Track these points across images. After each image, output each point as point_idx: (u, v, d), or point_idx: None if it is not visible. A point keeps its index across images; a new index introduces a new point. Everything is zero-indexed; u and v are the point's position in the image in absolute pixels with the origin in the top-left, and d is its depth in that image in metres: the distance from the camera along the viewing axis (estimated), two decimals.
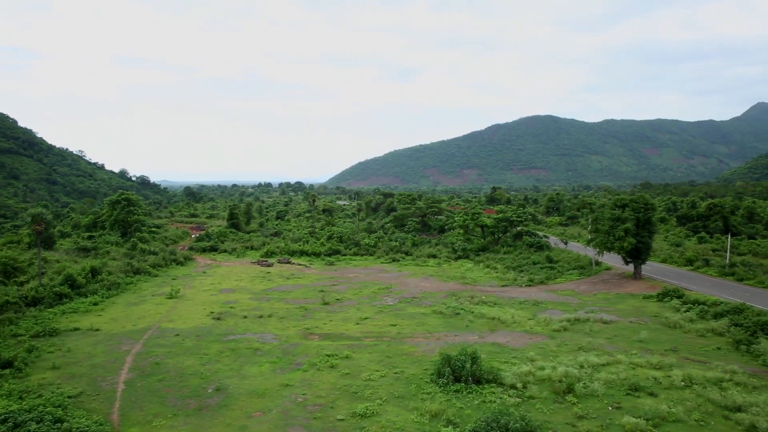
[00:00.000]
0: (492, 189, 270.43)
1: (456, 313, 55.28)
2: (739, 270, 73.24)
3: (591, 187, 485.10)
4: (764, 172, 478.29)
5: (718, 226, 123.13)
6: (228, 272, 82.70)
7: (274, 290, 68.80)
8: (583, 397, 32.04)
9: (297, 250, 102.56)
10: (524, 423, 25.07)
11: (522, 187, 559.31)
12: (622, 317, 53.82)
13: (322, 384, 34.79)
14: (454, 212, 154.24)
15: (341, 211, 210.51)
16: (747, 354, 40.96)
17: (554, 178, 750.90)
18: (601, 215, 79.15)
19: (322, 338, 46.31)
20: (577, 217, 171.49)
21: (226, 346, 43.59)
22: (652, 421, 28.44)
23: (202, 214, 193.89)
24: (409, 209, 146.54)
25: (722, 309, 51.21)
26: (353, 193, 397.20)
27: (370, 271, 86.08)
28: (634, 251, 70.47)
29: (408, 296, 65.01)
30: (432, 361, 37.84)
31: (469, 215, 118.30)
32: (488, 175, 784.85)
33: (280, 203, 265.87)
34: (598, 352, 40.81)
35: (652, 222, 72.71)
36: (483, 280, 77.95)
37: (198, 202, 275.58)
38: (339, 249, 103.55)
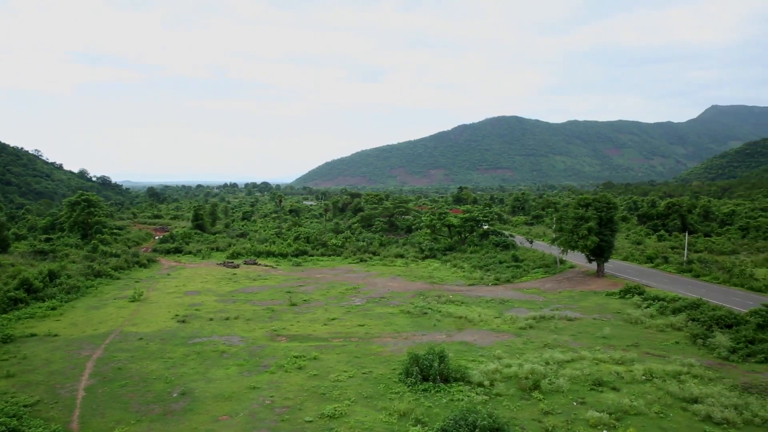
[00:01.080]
0: (459, 189, 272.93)
1: (423, 312, 55.53)
2: (696, 266, 75.67)
3: (555, 187, 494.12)
4: (718, 172, 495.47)
5: (676, 224, 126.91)
6: (193, 274, 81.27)
7: (241, 292, 67.92)
8: (548, 393, 32.57)
9: (263, 251, 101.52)
10: (491, 420, 25.31)
11: (488, 186, 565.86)
12: (585, 314, 54.93)
13: (290, 386, 34.48)
14: (421, 212, 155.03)
15: (308, 211, 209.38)
16: (703, 347, 42.32)
17: (520, 178, 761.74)
18: (565, 214, 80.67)
19: (290, 339, 45.92)
20: (542, 216, 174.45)
21: (192, 349, 42.81)
22: (615, 415, 29.11)
23: (166, 215, 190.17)
24: (377, 209, 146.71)
25: (680, 305, 52.81)
26: (320, 193, 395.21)
27: (338, 271, 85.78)
28: (597, 249, 72.00)
29: (376, 296, 65.02)
30: (400, 360, 37.91)
31: (436, 215, 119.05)
32: (455, 175, 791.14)
33: (246, 204, 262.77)
34: (563, 349, 41.56)
35: (614, 221, 74.44)
36: (450, 280, 78.53)
37: (162, 202, 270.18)
38: (306, 250, 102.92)
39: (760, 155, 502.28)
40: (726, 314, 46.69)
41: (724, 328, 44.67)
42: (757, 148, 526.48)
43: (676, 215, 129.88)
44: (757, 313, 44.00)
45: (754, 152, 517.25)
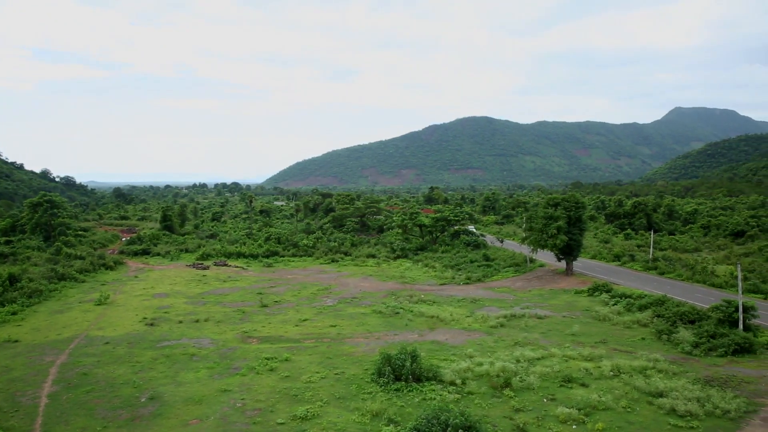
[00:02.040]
0: (430, 189, 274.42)
1: (395, 312, 55.62)
2: (661, 264, 77.61)
3: (525, 187, 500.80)
4: (682, 172, 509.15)
5: (642, 223, 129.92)
6: (162, 276, 79.84)
7: (211, 294, 66.99)
8: (519, 390, 32.94)
9: (234, 252, 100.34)
10: (464, 418, 25.48)
11: (459, 186, 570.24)
12: (555, 312, 55.76)
13: (262, 388, 34.14)
14: (392, 212, 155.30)
15: (279, 211, 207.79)
16: (668, 343, 43.39)
17: (490, 177, 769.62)
18: (534, 214, 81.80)
19: (261, 341, 45.47)
20: (512, 215, 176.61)
21: (161, 352, 42.03)
22: (584, 411, 29.61)
23: (133, 216, 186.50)
24: (348, 209, 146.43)
25: (646, 301, 54.06)
26: (291, 193, 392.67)
27: (309, 272, 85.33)
28: (566, 248, 73.17)
29: (347, 296, 64.88)
30: (372, 360, 37.88)
31: (407, 215, 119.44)
32: (426, 175, 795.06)
33: (216, 204, 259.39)
34: (533, 347, 42.10)
35: (583, 220, 75.77)
36: (422, 279, 78.85)
37: (129, 203, 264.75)
38: (277, 250, 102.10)
39: (720, 156, 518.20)
40: (689, 310, 47.97)
41: (687, 324, 45.86)
42: (718, 149, 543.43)
43: (641, 214, 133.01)
44: (718, 309, 45.28)
45: (715, 153, 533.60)
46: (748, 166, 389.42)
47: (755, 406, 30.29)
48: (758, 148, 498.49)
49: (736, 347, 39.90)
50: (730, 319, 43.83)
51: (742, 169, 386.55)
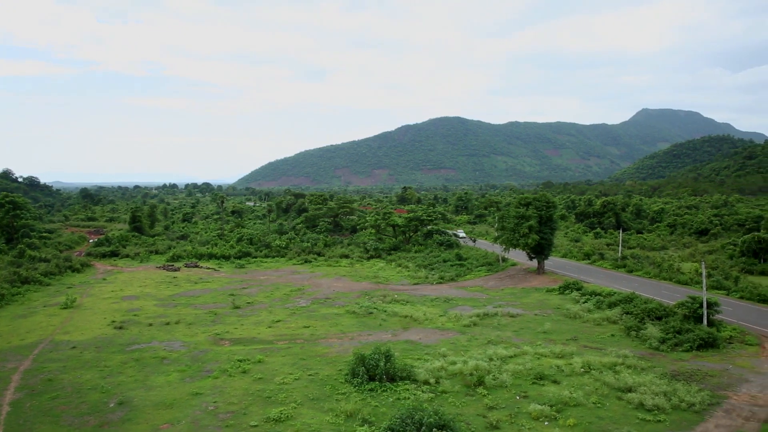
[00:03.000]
0: (403, 189, 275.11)
1: (369, 312, 55.60)
2: (630, 262, 79.24)
3: (497, 187, 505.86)
4: (649, 172, 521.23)
5: (611, 222, 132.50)
6: (131, 278, 78.32)
7: (182, 295, 65.97)
8: (492, 388, 33.24)
9: (205, 253, 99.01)
10: (438, 417, 25.59)
11: (432, 186, 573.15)
12: (527, 310, 56.43)
13: (234, 390, 33.75)
14: (365, 212, 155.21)
15: (251, 212, 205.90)
16: (636, 339, 44.32)
17: (462, 177, 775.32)
18: (506, 213, 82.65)
19: (233, 343, 44.95)
20: (484, 215, 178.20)
21: (130, 356, 41.21)
22: (556, 407, 30.04)
23: (101, 218, 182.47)
24: (321, 209, 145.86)
25: (615, 299, 55.11)
26: (263, 193, 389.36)
27: (282, 272, 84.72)
28: (538, 247, 74.12)
29: (321, 297, 64.62)
30: (346, 361, 37.79)
31: (380, 215, 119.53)
32: (399, 175, 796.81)
33: (187, 205, 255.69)
34: (506, 345, 42.52)
35: (554, 219, 76.84)
36: (395, 279, 78.98)
37: (96, 204, 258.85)
38: (249, 251, 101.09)
39: (685, 156, 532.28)
40: (656, 307, 49.07)
41: (655, 320, 46.90)
42: (683, 150, 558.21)
43: (611, 213, 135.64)
44: (684, 305, 46.45)
45: (680, 153, 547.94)
46: (711, 167, 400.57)
47: (718, 399, 31.17)
48: (720, 148, 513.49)
49: (701, 342, 41.02)
50: (695, 314, 45.00)
51: (705, 169, 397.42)
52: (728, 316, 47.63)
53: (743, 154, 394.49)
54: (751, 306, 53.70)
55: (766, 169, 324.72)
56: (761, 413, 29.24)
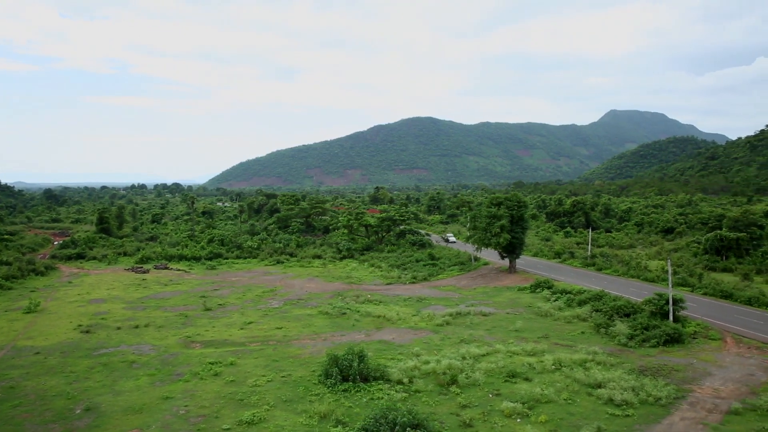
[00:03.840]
0: (375, 189, 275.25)
1: (342, 312, 55.45)
2: (599, 260, 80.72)
3: (469, 186, 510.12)
4: (617, 172, 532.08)
5: (581, 221, 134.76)
6: (98, 281, 76.57)
7: (151, 298, 64.77)
8: (465, 387, 33.46)
9: (175, 254, 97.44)
10: (411, 416, 25.65)
11: (404, 186, 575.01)
12: (499, 309, 56.99)
13: (206, 393, 33.27)
14: (338, 212, 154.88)
15: (222, 213, 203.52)
16: (606, 336, 45.16)
17: (435, 177, 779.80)
18: (478, 213, 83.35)
19: (205, 346, 44.33)
20: (456, 215, 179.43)
21: (97, 361, 40.26)
22: (528, 404, 30.41)
23: (67, 219, 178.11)
24: (293, 210, 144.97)
25: (585, 297, 56.07)
26: (235, 194, 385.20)
27: (254, 273, 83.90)
28: (509, 246, 74.93)
29: (293, 298, 64.20)
30: (319, 362, 37.60)
31: (353, 215, 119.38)
32: (371, 175, 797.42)
33: (156, 206, 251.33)
34: (478, 344, 42.86)
35: (525, 219, 77.80)
36: (368, 279, 78.95)
37: (61, 205, 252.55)
38: (221, 252, 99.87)
39: (651, 156, 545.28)
40: (625, 304, 50.08)
41: (623, 317, 47.87)
42: (650, 150, 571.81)
43: (580, 213, 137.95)
44: (651, 302, 47.59)
45: (647, 154, 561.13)
46: (676, 167, 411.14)
47: (683, 392, 32.01)
48: (685, 149, 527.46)
49: (667, 338, 42.07)
50: (661, 311, 46.13)
51: (671, 169, 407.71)
52: (693, 312, 48.87)
53: (706, 155, 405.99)
54: (714, 302, 55.26)
55: (727, 170, 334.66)
56: (723, 405, 30.14)
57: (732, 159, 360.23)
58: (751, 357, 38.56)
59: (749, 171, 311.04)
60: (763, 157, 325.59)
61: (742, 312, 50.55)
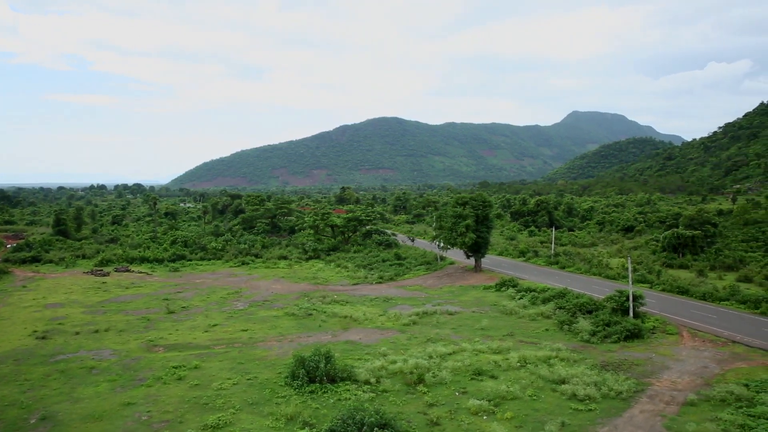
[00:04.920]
0: (341, 189, 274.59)
1: (308, 313, 55.13)
2: (562, 259, 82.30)
3: (435, 186, 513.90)
4: (579, 172, 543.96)
5: (544, 220, 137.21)
6: (55, 285, 74.15)
7: (112, 302, 63.09)
8: (432, 385, 33.65)
9: (137, 257, 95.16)
10: (379, 416, 25.66)
11: (370, 186, 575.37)
12: (465, 308, 57.52)
13: (169, 398, 32.58)
14: (304, 213, 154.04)
15: (186, 214, 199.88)
16: (569, 332, 46.07)
17: (401, 177, 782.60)
18: (444, 213, 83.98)
19: (168, 349, 43.42)
20: (422, 215, 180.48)
21: (54, 367, 38.97)
22: (494, 401, 30.78)
23: (21, 221, 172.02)
24: (258, 210, 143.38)
25: (549, 294, 57.10)
26: (198, 194, 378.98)
27: (219, 275, 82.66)
28: (475, 246, 75.71)
29: (259, 299, 63.49)
30: (286, 363, 37.27)
31: (319, 215, 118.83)
32: (337, 176, 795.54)
33: (117, 207, 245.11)
34: (445, 342, 43.16)
35: (490, 218, 78.74)
36: (334, 280, 78.67)
37: (15, 207, 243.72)
38: (184, 254, 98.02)
39: (612, 157, 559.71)
40: (587, 301, 51.22)
41: (586, 314, 48.92)
42: (610, 151, 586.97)
43: (544, 212, 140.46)
44: (612, 299, 48.77)
45: (608, 154, 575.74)
46: (635, 167, 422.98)
47: (643, 386, 32.95)
48: (644, 149, 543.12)
49: (628, 333, 43.22)
50: (622, 307, 47.32)
51: (630, 170, 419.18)
52: (651, 308, 50.29)
53: (663, 155, 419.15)
54: (672, 297, 57.00)
55: (683, 170, 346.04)
56: (680, 397, 31.16)
57: (687, 159, 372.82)
58: (706, 350, 39.93)
59: (703, 171, 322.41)
60: (716, 157, 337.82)
61: (697, 307, 52.30)
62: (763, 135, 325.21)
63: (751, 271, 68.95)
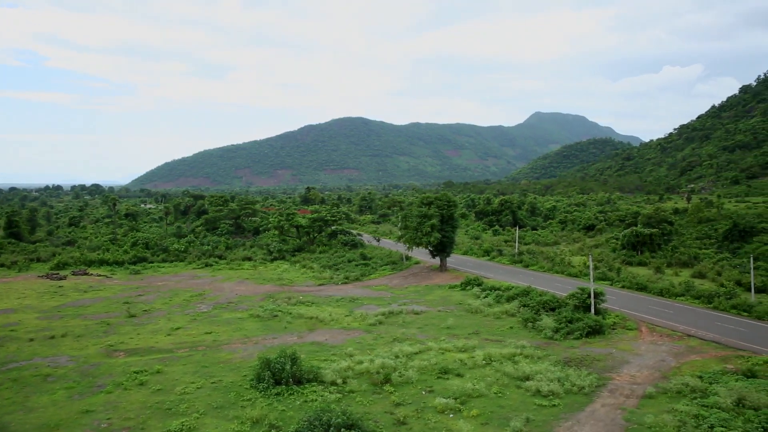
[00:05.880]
0: (306, 189, 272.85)
1: (274, 315, 54.59)
2: (526, 257, 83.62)
3: (400, 186, 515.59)
4: (542, 171, 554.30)
5: (508, 219, 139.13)
6: (6, 289, 71.39)
7: (69, 306, 61.14)
8: (399, 385, 33.73)
9: (96, 259, 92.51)
10: (345, 417, 25.58)
11: (335, 186, 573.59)
12: (431, 307, 57.87)
13: (130, 404, 31.76)
14: (268, 213, 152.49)
15: (147, 215, 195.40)
16: (533, 330, 46.87)
17: (366, 177, 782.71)
18: (409, 213, 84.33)
19: (129, 354, 42.34)
20: (388, 215, 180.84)
21: (6, 376, 37.49)
22: (460, 399, 31.04)
23: None
24: (222, 211, 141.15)
25: (513, 293, 57.96)
26: (160, 195, 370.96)
27: (181, 277, 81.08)
28: (440, 245, 76.26)
29: (223, 301, 62.55)
30: (251, 366, 36.81)
31: (283, 216, 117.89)
32: (302, 176, 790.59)
33: (74, 208, 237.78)
34: (411, 342, 43.33)
35: (455, 218, 79.43)
36: (300, 280, 78.13)
37: None
38: (145, 256, 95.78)
39: (573, 157, 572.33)
40: (550, 299, 52.19)
41: (549, 311, 49.85)
42: (572, 151, 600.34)
43: (508, 211, 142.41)
44: (574, 296, 49.82)
45: (569, 154, 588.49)
46: (596, 167, 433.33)
47: (604, 380, 33.77)
48: (604, 150, 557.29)
49: (589, 329, 44.23)
50: (584, 304, 48.38)
51: (591, 169, 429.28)
52: (612, 305, 51.56)
53: (622, 156, 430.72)
54: (631, 294, 58.58)
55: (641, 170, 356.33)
56: (639, 390, 32.08)
57: (645, 160, 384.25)
58: (663, 344, 41.18)
59: (660, 171, 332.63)
60: (672, 158, 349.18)
61: (655, 303, 53.90)
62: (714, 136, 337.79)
63: (705, 268, 71.45)
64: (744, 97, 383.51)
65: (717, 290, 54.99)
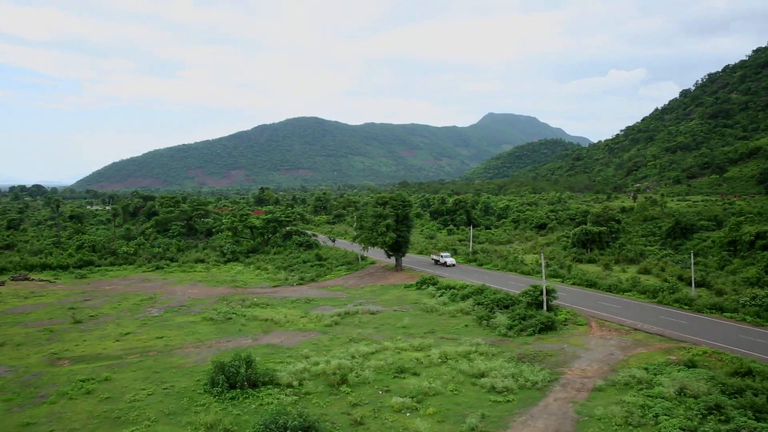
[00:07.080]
0: (260, 190, 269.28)
1: (228, 318, 53.58)
2: (480, 256, 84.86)
3: (355, 187, 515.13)
4: (495, 171, 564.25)
5: (462, 219, 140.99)
6: None
7: (8, 313, 58.29)
8: (355, 385, 33.64)
9: (38, 263, 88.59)
10: (302, 419, 25.34)
11: (290, 187, 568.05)
12: (387, 307, 58.00)
13: (76, 415, 30.53)
14: (221, 214, 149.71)
15: (93, 217, 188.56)
16: (488, 327, 47.61)
17: (321, 178, 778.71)
18: (365, 213, 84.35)
19: (75, 362, 40.71)
20: (343, 215, 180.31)
21: None
22: (417, 398, 31.23)
23: None
24: (173, 212, 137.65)
25: (468, 291, 58.73)
26: (107, 196, 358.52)
27: (131, 281, 78.61)
28: (395, 245, 76.53)
29: (175, 305, 60.98)
30: (205, 370, 36.00)
31: (237, 217, 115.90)
32: (256, 176, 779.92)
33: (13, 210, 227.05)
34: (367, 342, 43.30)
35: (410, 218, 79.87)
36: (254, 282, 76.99)
37: None
38: (92, 259, 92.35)
39: (525, 157, 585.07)
40: (504, 297, 53.13)
41: (503, 309, 50.77)
42: (524, 151, 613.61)
43: (462, 211, 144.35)
44: (527, 294, 50.87)
45: (522, 154, 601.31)
46: (547, 167, 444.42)
47: (556, 375, 34.63)
48: (555, 150, 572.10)
49: (542, 326, 45.26)
50: (536, 301, 49.45)
51: (543, 169, 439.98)
52: (563, 301, 52.86)
53: (572, 156, 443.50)
54: (581, 290, 60.26)
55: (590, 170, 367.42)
56: (589, 383, 33.06)
57: (594, 160, 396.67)
58: (612, 338, 42.53)
59: (608, 171, 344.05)
60: (619, 158, 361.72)
61: (604, 298, 55.62)
62: (658, 138, 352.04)
63: (650, 264, 74.31)
64: (684, 100, 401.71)
65: (661, 285, 57.21)
